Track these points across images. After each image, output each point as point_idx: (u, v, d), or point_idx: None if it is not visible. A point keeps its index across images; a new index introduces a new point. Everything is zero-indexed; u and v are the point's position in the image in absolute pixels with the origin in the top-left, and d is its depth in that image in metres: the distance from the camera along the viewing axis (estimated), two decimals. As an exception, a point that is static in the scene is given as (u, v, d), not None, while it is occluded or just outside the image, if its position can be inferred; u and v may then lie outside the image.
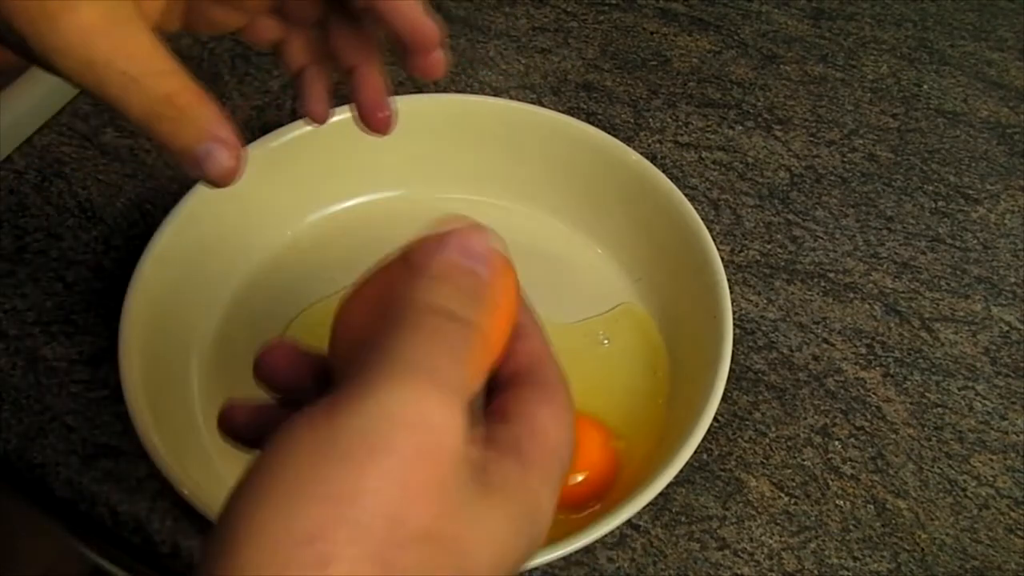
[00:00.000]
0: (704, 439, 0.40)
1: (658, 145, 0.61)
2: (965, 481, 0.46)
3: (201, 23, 0.35)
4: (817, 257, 0.55)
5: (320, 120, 0.39)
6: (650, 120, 0.62)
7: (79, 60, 0.27)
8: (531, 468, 0.24)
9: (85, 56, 0.27)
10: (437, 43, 0.32)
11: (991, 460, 0.47)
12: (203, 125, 0.29)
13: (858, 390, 0.49)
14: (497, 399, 0.26)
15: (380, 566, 0.20)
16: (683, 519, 0.44)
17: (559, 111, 0.53)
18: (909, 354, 0.51)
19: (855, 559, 0.43)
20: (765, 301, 0.53)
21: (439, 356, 0.22)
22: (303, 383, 0.29)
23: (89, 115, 0.59)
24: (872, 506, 0.45)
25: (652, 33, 0.69)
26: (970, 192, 0.60)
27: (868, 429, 0.48)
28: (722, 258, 0.46)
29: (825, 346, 0.51)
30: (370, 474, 0.20)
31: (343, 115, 0.52)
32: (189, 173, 0.30)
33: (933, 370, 0.51)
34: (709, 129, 0.62)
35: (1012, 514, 0.45)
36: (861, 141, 0.63)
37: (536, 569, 0.41)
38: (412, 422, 0.21)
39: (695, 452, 0.39)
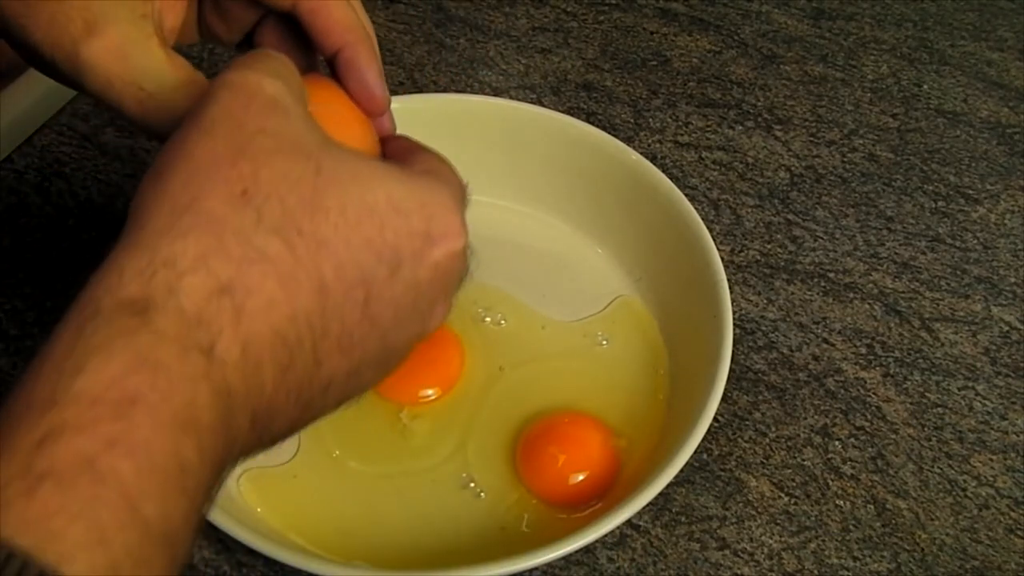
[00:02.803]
0: (704, 439, 0.40)
1: (658, 145, 0.61)
2: (965, 481, 0.46)
3: (220, 29, 0.38)
4: (817, 257, 0.55)
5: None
6: (650, 120, 0.62)
7: (100, 79, 0.31)
8: (434, 173, 0.31)
9: (104, 76, 0.31)
10: (384, 110, 0.37)
11: (991, 460, 0.47)
12: None
13: (858, 390, 0.49)
14: None
15: (238, 153, 0.26)
16: (683, 519, 0.44)
17: (559, 111, 0.53)
18: (909, 354, 0.51)
19: (855, 559, 0.43)
20: (765, 301, 0.53)
21: (256, 63, 0.29)
22: None
23: (89, 115, 0.59)
24: (872, 506, 0.45)
25: (652, 33, 0.69)
26: (970, 192, 0.60)
27: (868, 429, 0.48)
28: (722, 258, 0.46)
29: (825, 346, 0.51)
30: (210, 111, 0.27)
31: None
32: None
33: (933, 370, 0.51)
34: (709, 129, 0.62)
35: (1012, 514, 0.45)
36: (861, 141, 0.63)
37: (536, 569, 0.41)
38: (232, 81, 0.28)
39: (695, 452, 0.39)
